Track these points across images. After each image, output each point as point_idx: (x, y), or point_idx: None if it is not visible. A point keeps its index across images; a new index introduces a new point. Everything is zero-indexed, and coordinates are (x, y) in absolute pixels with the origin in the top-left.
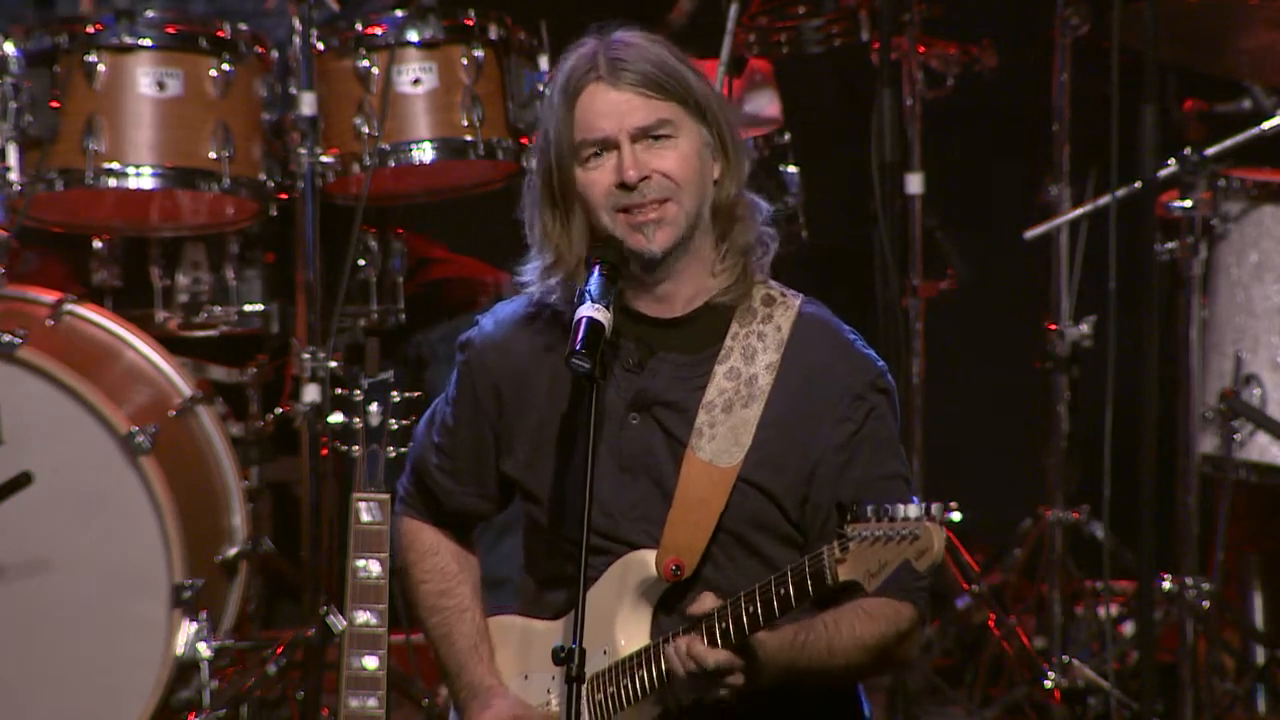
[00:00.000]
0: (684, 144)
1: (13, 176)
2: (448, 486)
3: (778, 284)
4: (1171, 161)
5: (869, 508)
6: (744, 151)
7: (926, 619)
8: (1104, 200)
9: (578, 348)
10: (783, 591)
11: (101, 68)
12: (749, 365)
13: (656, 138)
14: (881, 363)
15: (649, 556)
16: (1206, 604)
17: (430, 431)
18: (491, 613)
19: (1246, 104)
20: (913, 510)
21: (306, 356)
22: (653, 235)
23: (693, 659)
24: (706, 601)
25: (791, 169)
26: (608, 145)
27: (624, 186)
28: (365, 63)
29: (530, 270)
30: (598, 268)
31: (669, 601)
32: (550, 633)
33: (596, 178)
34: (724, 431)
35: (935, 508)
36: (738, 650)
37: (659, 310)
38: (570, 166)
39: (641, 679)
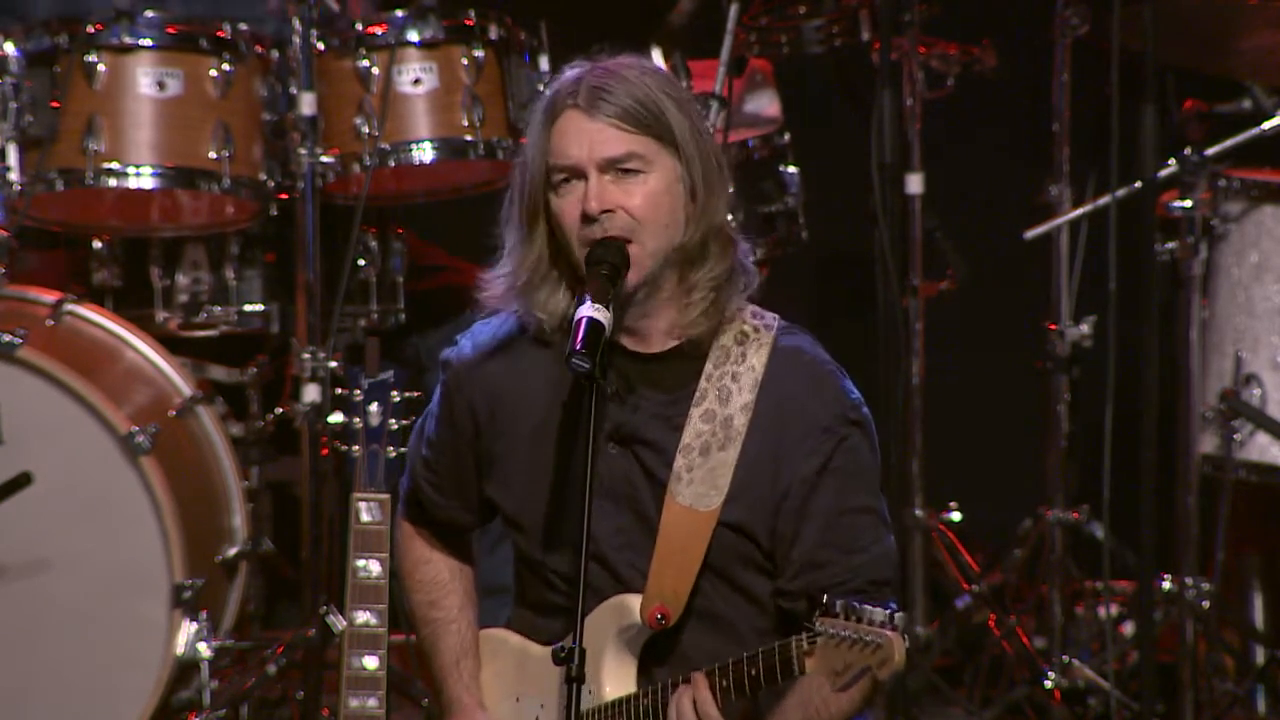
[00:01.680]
0: (654, 180)
1: (13, 176)
2: (434, 498)
3: (757, 312)
4: (1171, 161)
5: (838, 603)
6: (720, 192)
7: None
8: (1104, 200)
9: (577, 347)
10: (753, 672)
11: (101, 68)
12: (724, 407)
13: (625, 171)
14: (856, 395)
15: (634, 602)
16: (1206, 604)
17: (420, 443)
18: (489, 622)
19: (1246, 104)
20: (879, 614)
21: (306, 356)
22: None
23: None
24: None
25: (791, 169)
26: (576, 173)
27: (586, 218)
28: (365, 63)
29: (494, 280)
30: (596, 269)
31: (655, 647)
32: (541, 658)
33: (566, 206)
34: (702, 475)
35: (899, 616)
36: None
37: (636, 344)
38: (541, 189)
39: None
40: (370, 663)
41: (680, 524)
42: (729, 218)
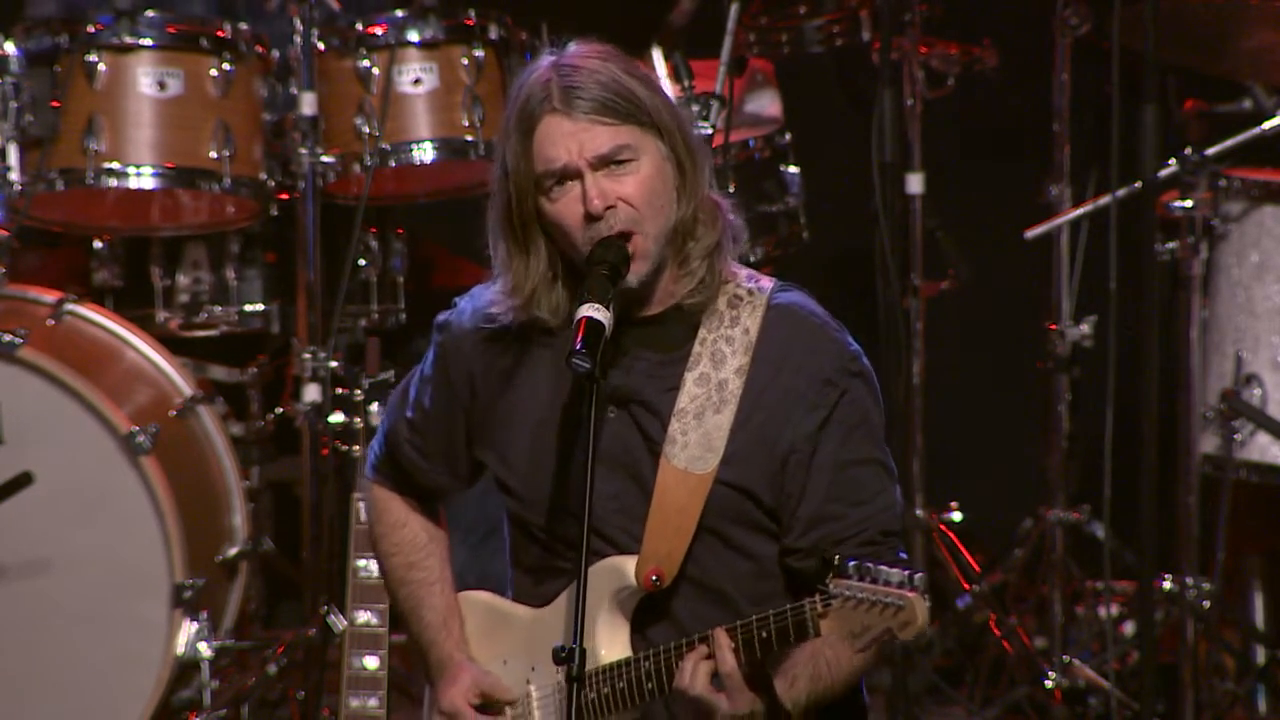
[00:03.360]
0: (645, 166)
1: (13, 176)
2: (419, 463)
3: (752, 275)
4: (1172, 161)
5: (851, 564)
6: (702, 161)
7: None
8: (1104, 200)
9: (578, 347)
10: (765, 635)
11: (102, 67)
12: (718, 370)
13: (618, 163)
14: (855, 346)
15: (629, 564)
16: (1207, 604)
17: (404, 405)
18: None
19: (1247, 104)
20: (895, 575)
21: (307, 356)
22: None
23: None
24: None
25: (792, 169)
26: (568, 175)
27: (590, 217)
28: (366, 63)
29: (495, 296)
30: (596, 269)
31: (648, 609)
32: (531, 620)
33: (564, 209)
34: (697, 438)
35: (919, 578)
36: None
37: (630, 308)
38: (531, 198)
39: (623, 690)
40: (371, 662)
41: (675, 487)
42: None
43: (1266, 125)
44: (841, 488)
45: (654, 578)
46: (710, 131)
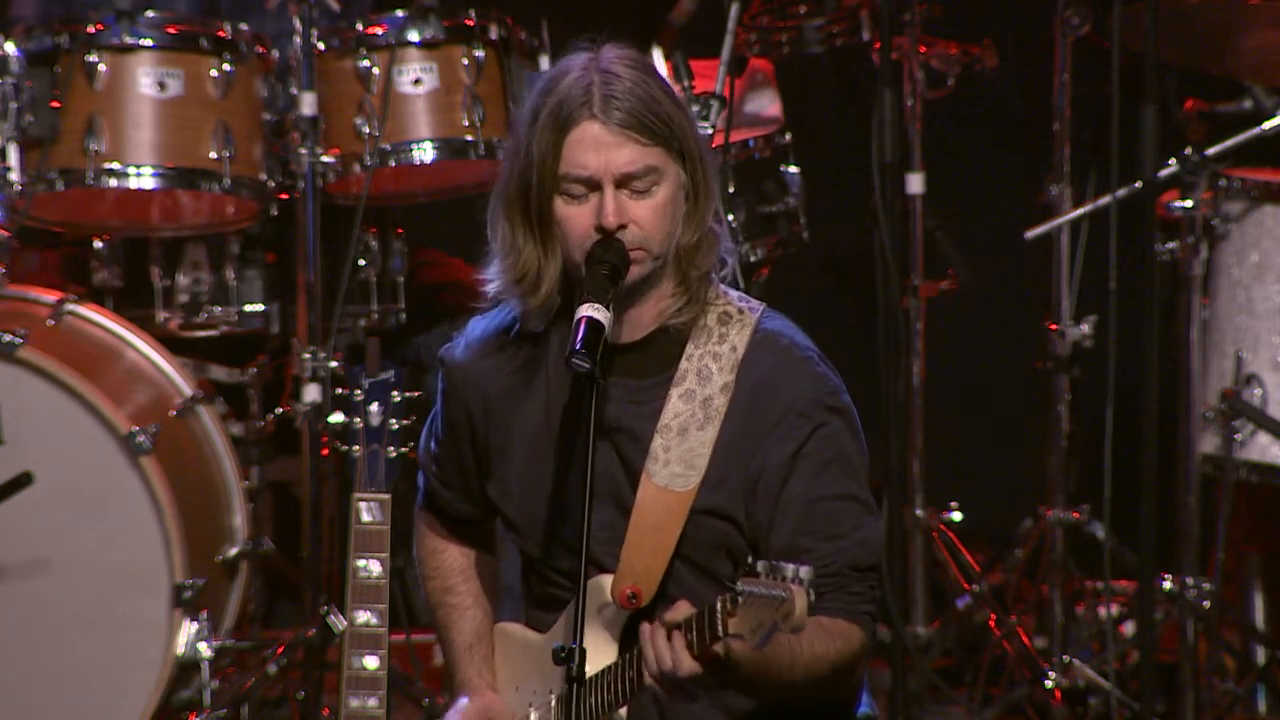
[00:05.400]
0: (663, 191)
1: (13, 176)
2: (443, 493)
3: (743, 296)
4: (1172, 161)
5: (760, 564)
6: (714, 191)
7: (872, 643)
8: (1104, 200)
9: (578, 347)
10: (690, 637)
11: (102, 68)
12: (704, 387)
13: (640, 184)
14: (836, 381)
15: (606, 582)
16: (1207, 604)
17: (431, 438)
18: (505, 619)
19: (1247, 104)
20: (789, 570)
21: (307, 356)
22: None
23: (667, 665)
24: (680, 610)
25: (791, 169)
26: (591, 184)
27: (601, 230)
28: (366, 63)
29: (494, 276)
30: (596, 268)
31: (634, 626)
32: (540, 646)
33: (575, 214)
34: (679, 455)
35: (804, 571)
36: (704, 662)
37: (613, 335)
38: (550, 193)
39: (607, 697)
40: (370, 663)
41: (655, 504)
42: (730, 218)
43: (1266, 125)
44: (813, 522)
45: (630, 594)
46: (710, 131)
